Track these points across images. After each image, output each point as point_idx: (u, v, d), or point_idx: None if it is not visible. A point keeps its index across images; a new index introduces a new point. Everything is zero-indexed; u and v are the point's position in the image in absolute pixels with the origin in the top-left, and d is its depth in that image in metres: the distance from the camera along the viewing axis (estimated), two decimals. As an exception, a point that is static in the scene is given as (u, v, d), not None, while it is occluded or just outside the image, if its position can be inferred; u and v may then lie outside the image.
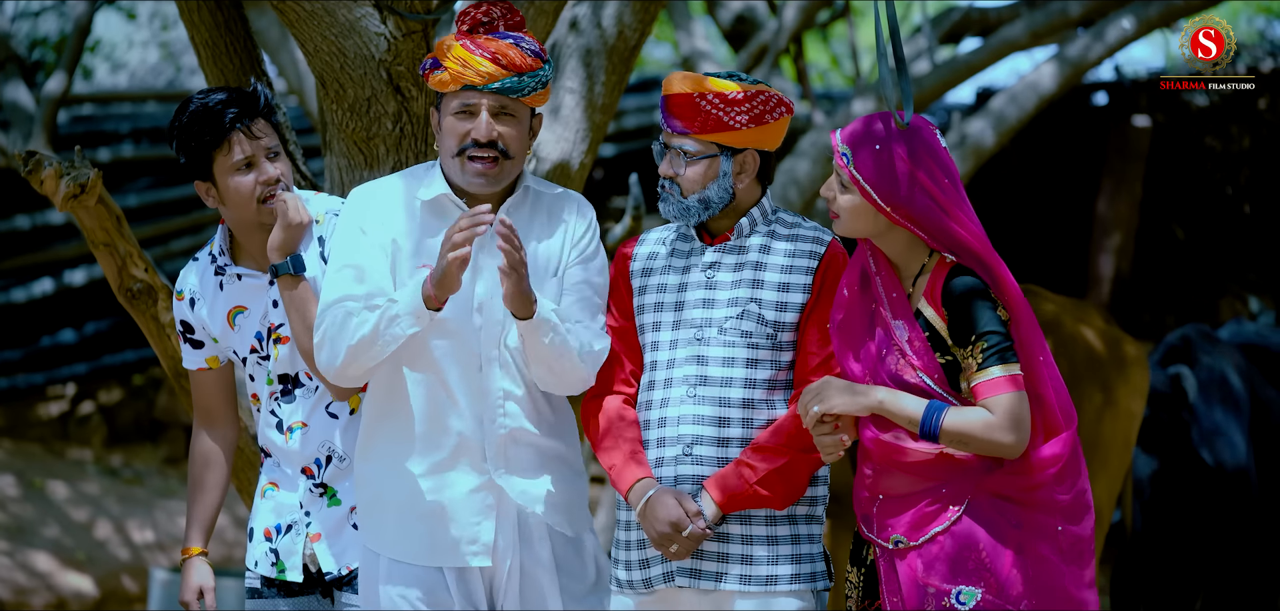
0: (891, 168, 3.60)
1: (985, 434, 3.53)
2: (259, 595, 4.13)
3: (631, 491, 3.81)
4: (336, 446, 4.06)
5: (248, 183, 4.01)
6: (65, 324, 11.63)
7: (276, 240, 3.96)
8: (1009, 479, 3.57)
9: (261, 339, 4.10)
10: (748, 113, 3.80)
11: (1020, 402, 3.53)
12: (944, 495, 3.59)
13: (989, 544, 3.55)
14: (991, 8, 9.92)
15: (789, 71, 11.93)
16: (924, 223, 3.59)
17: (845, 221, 3.69)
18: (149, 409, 11.43)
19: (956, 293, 3.58)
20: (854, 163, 3.63)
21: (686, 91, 3.81)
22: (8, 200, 11.33)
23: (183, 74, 14.16)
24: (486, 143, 3.84)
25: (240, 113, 4.00)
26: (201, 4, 4.82)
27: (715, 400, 3.80)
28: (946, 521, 3.58)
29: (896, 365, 3.63)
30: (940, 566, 3.57)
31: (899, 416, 3.59)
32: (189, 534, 4.22)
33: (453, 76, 3.83)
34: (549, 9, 4.86)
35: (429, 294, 3.73)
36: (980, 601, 3.55)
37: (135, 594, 9.42)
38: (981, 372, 3.54)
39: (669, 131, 3.85)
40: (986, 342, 3.54)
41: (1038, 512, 3.58)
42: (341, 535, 4.05)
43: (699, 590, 3.80)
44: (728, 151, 3.83)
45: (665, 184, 3.86)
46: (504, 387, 3.88)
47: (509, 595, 3.90)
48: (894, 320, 3.64)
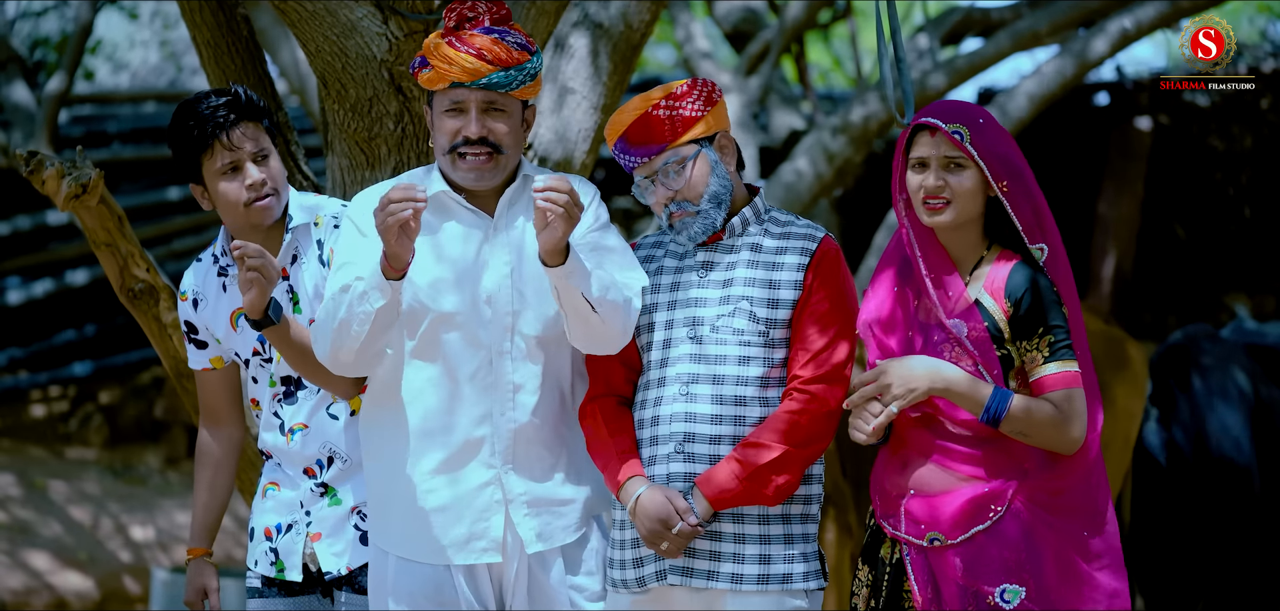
0: (1000, 144, 3.62)
1: (1051, 425, 3.55)
2: (259, 594, 4.13)
3: (623, 489, 3.81)
4: (338, 448, 4.06)
5: (234, 188, 4.00)
6: (67, 324, 11.64)
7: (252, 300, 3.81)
8: (1041, 481, 3.58)
9: (263, 341, 4.09)
10: (698, 99, 3.85)
11: (1081, 400, 3.57)
12: (985, 494, 3.59)
13: (1030, 544, 3.56)
14: (993, 7, 9.91)
15: (791, 71, 11.93)
16: (1024, 203, 3.61)
17: (959, 204, 3.65)
18: (150, 409, 11.43)
19: (1023, 287, 3.59)
20: (970, 139, 3.63)
21: (640, 113, 3.83)
22: (9, 200, 11.33)
23: (184, 74, 14.17)
24: (478, 139, 3.83)
25: (227, 117, 3.99)
26: (203, 4, 4.82)
27: (708, 397, 3.80)
28: (988, 520, 3.58)
29: (952, 356, 3.62)
30: (983, 565, 3.57)
31: (963, 395, 3.58)
32: (193, 534, 4.22)
33: (439, 75, 3.82)
34: (551, 8, 4.85)
35: (385, 264, 3.72)
36: (1024, 600, 3.55)
37: (137, 594, 9.42)
38: (1047, 365, 3.57)
39: (646, 160, 3.85)
40: (1054, 337, 3.57)
41: (1063, 516, 3.59)
42: (342, 534, 4.05)
43: (691, 588, 3.80)
44: (704, 142, 3.84)
45: (674, 209, 3.85)
46: (514, 381, 3.87)
47: (517, 593, 3.90)
48: (950, 316, 3.64)
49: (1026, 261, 3.63)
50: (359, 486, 4.06)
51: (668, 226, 3.88)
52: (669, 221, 3.87)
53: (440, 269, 3.86)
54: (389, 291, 3.72)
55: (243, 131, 4.00)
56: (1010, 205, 3.62)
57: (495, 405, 3.86)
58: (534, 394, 3.88)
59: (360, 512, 4.05)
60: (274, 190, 4.02)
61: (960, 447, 3.61)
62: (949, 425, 3.62)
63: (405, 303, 3.84)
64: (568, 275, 3.70)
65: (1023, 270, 3.61)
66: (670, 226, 3.87)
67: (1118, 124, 11.29)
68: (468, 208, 3.90)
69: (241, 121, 4.00)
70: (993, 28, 9.81)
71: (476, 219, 3.88)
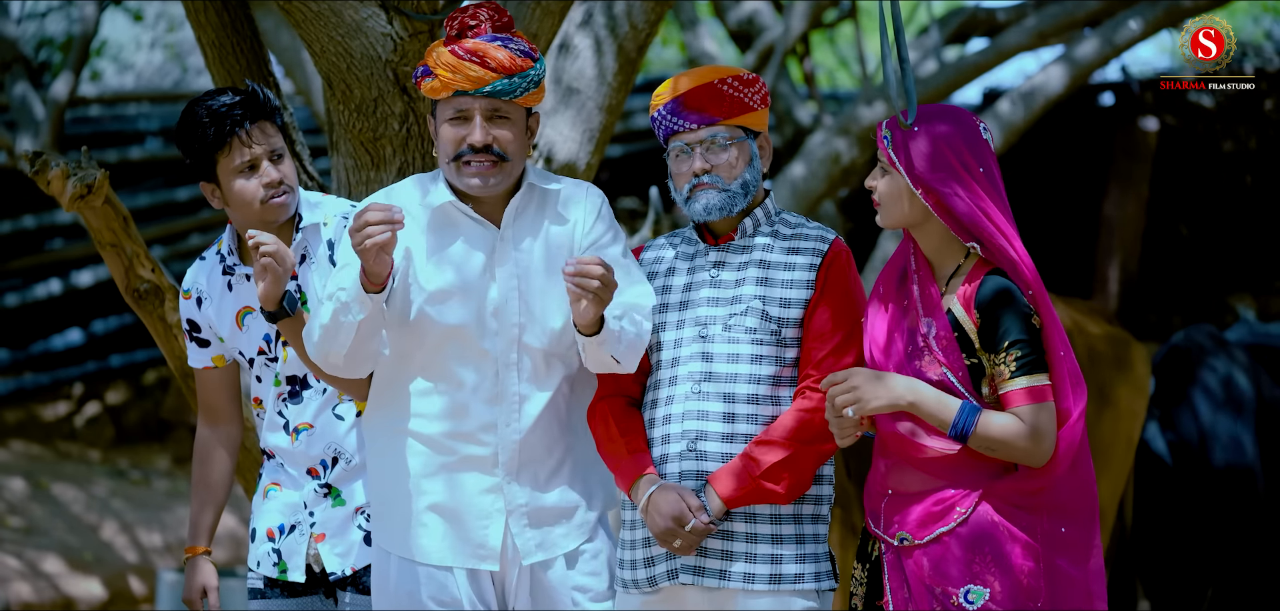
0: (927, 150, 3.61)
1: (1015, 442, 3.53)
2: (261, 595, 4.13)
3: (634, 488, 3.81)
4: (343, 448, 4.07)
5: (251, 186, 4.01)
6: (72, 324, 11.65)
7: (267, 291, 3.85)
8: (1017, 481, 3.57)
9: (270, 340, 4.10)
10: (757, 94, 3.88)
11: (1049, 415, 3.54)
12: (952, 495, 3.59)
13: (997, 544, 3.55)
14: (998, 8, 9.91)
15: (795, 73, 11.93)
16: (953, 208, 3.59)
17: (884, 207, 3.68)
18: (156, 409, 11.44)
19: (990, 298, 3.57)
20: (892, 144, 3.64)
21: (707, 81, 3.84)
22: (15, 201, 11.35)
23: (189, 75, 14.18)
24: (482, 147, 3.84)
25: (243, 115, 4.00)
26: (208, 4, 4.83)
27: (719, 396, 3.80)
28: (953, 521, 3.58)
29: (922, 362, 3.62)
30: (948, 566, 3.57)
31: (930, 413, 3.58)
32: (193, 533, 4.22)
33: (443, 83, 3.82)
34: (555, 10, 4.86)
35: (364, 280, 3.73)
36: (988, 601, 3.55)
37: (143, 595, 9.43)
38: (1013, 381, 3.54)
39: (693, 127, 3.85)
40: (1019, 352, 3.54)
41: (1042, 515, 3.58)
42: (346, 535, 4.06)
43: (703, 588, 3.80)
44: (751, 134, 3.86)
45: (704, 179, 3.86)
46: (519, 393, 3.88)
47: (520, 596, 3.90)
48: (924, 316, 3.64)
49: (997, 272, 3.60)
50: (363, 487, 4.06)
51: (686, 199, 3.88)
52: (689, 193, 3.87)
53: (446, 280, 3.85)
54: (369, 305, 3.73)
55: (259, 129, 4.01)
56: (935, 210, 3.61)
57: (500, 416, 3.86)
58: (539, 405, 3.88)
59: (364, 513, 4.06)
60: (289, 188, 4.04)
61: (932, 449, 3.61)
62: (923, 429, 3.62)
63: (411, 314, 3.85)
64: (600, 344, 3.74)
65: (994, 280, 3.58)
66: (688, 199, 3.87)
67: (1123, 125, 11.28)
68: (474, 219, 3.89)
69: (258, 119, 4.01)
70: (998, 28, 9.81)
71: (483, 231, 3.88)
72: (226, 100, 4.01)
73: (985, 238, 3.59)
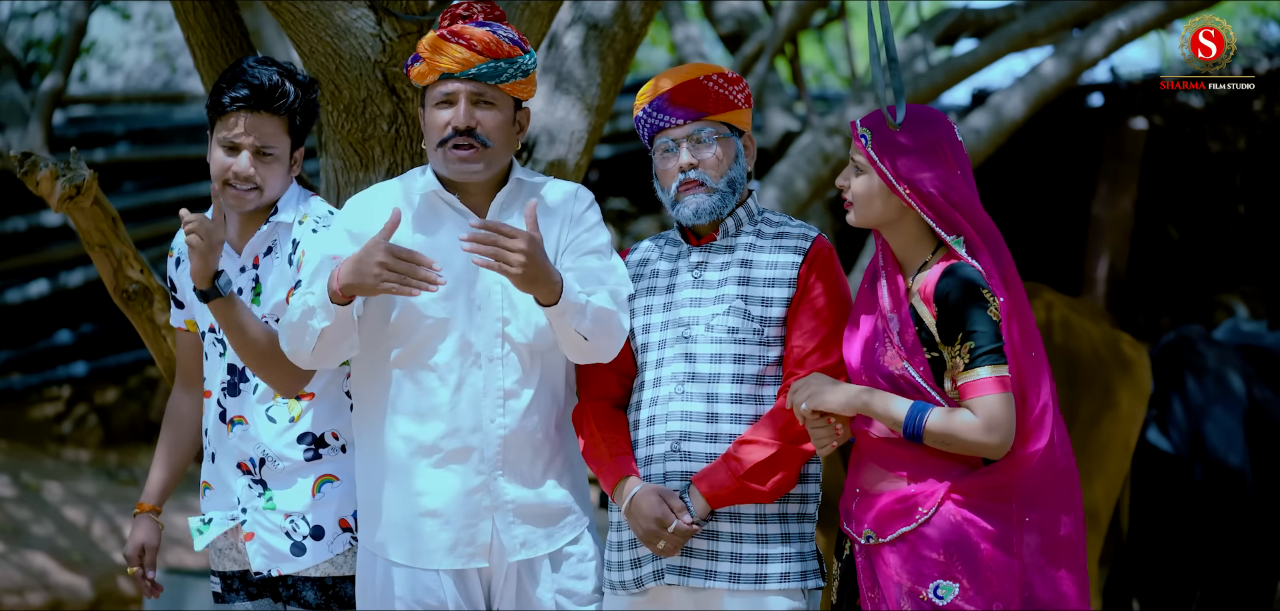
0: (906, 149, 3.61)
1: (968, 435, 3.53)
2: (221, 599, 4.12)
3: (617, 489, 3.82)
4: (271, 450, 4.04)
5: (220, 161, 4.00)
6: (61, 325, 11.63)
7: (194, 268, 3.85)
8: (984, 475, 3.57)
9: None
10: (742, 92, 3.90)
11: (1005, 405, 3.53)
12: (915, 493, 3.59)
13: (964, 539, 3.55)
14: (987, 9, 9.92)
15: (784, 72, 11.93)
16: (933, 205, 3.60)
17: (859, 205, 3.70)
18: (145, 410, 11.42)
19: (946, 290, 3.58)
20: (872, 142, 3.64)
21: (692, 78, 3.85)
22: (3, 201, 11.32)
23: (178, 75, 14.15)
24: (465, 130, 3.83)
25: (248, 98, 3.98)
26: (197, 4, 4.82)
27: (703, 396, 3.81)
28: (917, 519, 3.58)
29: (885, 357, 3.63)
30: (916, 562, 3.58)
31: (882, 415, 3.60)
32: (147, 491, 4.20)
33: (430, 67, 3.83)
34: (544, 10, 4.86)
35: (335, 289, 3.72)
36: (957, 597, 3.55)
37: (131, 595, 9.41)
38: (968, 373, 3.54)
39: (679, 121, 3.85)
40: (974, 343, 3.55)
41: (1012, 505, 3.57)
42: (273, 538, 4.02)
43: (689, 588, 3.81)
44: (736, 131, 3.86)
45: (692, 176, 3.86)
46: (505, 387, 3.87)
47: (506, 597, 3.90)
48: (890, 312, 3.65)
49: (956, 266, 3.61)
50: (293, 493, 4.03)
51: (673, 201, 3.88)
52: (676, 194, 3.87)
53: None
54: (334, 315, 3.73)
55: (256, 119, 3.98)
56: (917, 206, 3.62)
57: (486, 411, 3.86)
58: (525, 400, 3.89)
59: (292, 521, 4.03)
60: (257, 188, 4.01)
61: (895, 447, 3.62)
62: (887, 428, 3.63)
63: (396, 308, 3.85)
64: (560, 314, 3.73)
65: (952, 274, 3.59)
66: (675, 201, 3.87)
67: (1112, 125, 11.29)
68: (460, 211, 3.90)
69: (260, 110, 3.98)
70: (987, 29, 9.81)
71: (468, 222, 3.88)
72: (254, 77, 3.98)
73: (965, 230, 3.60)
